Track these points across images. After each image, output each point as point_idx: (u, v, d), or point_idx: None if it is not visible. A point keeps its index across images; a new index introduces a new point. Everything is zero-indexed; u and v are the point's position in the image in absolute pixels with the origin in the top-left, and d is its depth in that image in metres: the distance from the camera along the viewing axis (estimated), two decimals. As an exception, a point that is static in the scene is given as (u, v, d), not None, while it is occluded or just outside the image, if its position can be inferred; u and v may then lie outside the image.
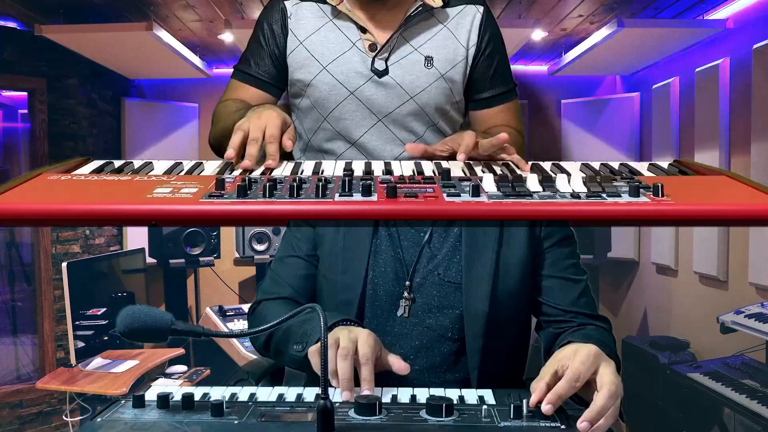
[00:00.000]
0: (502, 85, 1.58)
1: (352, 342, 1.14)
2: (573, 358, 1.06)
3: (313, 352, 1.19)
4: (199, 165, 1.15)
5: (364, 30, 1.50)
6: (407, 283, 1.34)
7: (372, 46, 1.50)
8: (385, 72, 1.49)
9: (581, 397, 1.08)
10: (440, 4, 1.51)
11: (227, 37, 4.32)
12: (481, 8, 1.55)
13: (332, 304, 1.37)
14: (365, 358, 1.13)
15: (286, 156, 1.25)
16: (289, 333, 1.31)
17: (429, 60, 1.50)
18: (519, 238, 1.34)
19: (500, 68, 1.57)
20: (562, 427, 1.00)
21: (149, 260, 4.60)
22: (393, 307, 1.35)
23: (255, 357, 2.62)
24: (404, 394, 1.13)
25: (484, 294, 1.31)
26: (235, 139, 1.17)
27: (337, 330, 1.19)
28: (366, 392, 1.09)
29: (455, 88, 1.54)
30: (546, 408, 1.01)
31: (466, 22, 1.53)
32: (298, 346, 1.24)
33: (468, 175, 1.10)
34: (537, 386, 1.05)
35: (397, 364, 1.18)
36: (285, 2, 1.53)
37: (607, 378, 1.04)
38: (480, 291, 1.31)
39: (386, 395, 1.12)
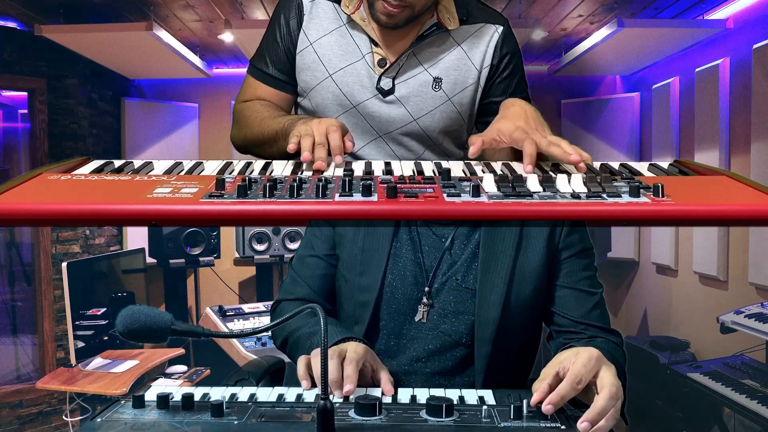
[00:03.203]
0: None
1: (341, 348, 1.17)
2: (575, 361, 1.06)
3: (300, 359, 1.20)
4: (199, 165, 1.15)
5: (375, 43, 1.45)
6: (426, 288, 1.34)
7: (381, 62, 1.45)
8: (391, 91, 1.45)
9: (580, 400, 1.08)
10: (457, 26, 1.44)
11: (227, 37, 4.32)
12: (500, 27, 1.47)
13: (350, 304, 1.38)
14: (348, 360, 1.15)
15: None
16: (299, 343, 1.34)
17: (437, 82, 1.45)
18: (537, 247, 1.33)
19: (517, 91, 1.49)
20: (562, 427, 1.00)
21: (149, 260, 4.60)
22: (410, 311, 1.34)
23: (255, 357, 2.61)
24: (404, 395, 1.13)
25: (497, 300, 1.31)
26: (306, 144, 1.17)
27: (336, 347, 1.21)
28: (347, 387, 1.10)
29: (463, 110, 1.48)
30: (547, 408, 1.01)
31: (482, 42, 1.46)
32: None
33: (468, 175, 1.10)
34: (539, 387, 1.05)
35: (385, 386, 1.18)
36: None
37: (608, 380, 1.04)
38: (493, 296, 1.31)
39: (386, 395, 1.12)
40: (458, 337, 1.33)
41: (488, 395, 1.13)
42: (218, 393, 1.13)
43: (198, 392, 1.13)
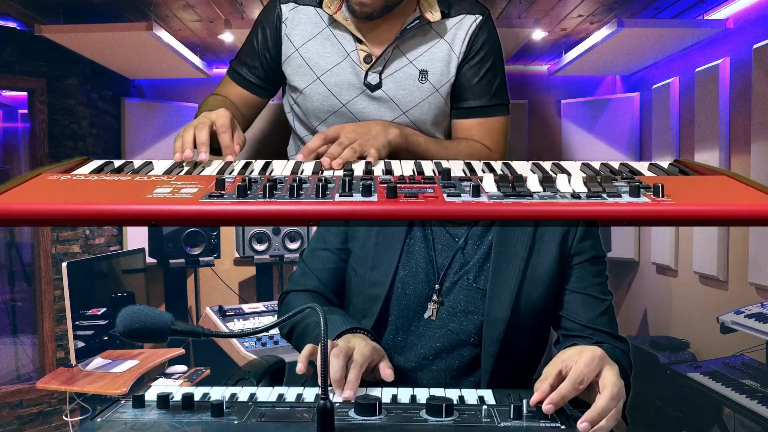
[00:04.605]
0: (485, 98, 1.52)
1: (349, 347, 1.16)
2: (577, 360, 1.06)
3: (307, 346, 1.20)
4: (199, 165, 1.15)
5: (360, 40, 1.48)
6: (437, 286, 1.34)
7: (367, 58, 1.48)
8: (378, 86, 1.48)
9: (581, 399, 1.08)
10: (438, 18, 1.47)
11: (227, 37, 4.32)
12: (479, 17, 1.51)
13: (359, 298, 1.39)
14: (354, 363, 1.15)
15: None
16: (307, 331, 1.34)
17: (423, 74, 1.48)
18: (549, 251, 1.34)
19: (487, 79, 1.52)
20: (562, 427, 0.99)
21: (149, 260, 4.59)
22: (419, 308, 1.35)
23: (255, 357, 2.61)
24: (404, 394, 1.13)
25: (507, 301, 1.31)
26: (177, 145, 1.21)
27: (343, 338, 1.21)
28: (347, 392, 1.10)
29: (449, 101, 1.52)
30: (547, 407, 1.01)
31: (462, 32, 1.50)
32: None
33: (468, 175, 1.10)
34: (540, 386, 1.05)
35: (384, 371, 1.18)
36: (282, 5, 1.52)
37: (609, 380, 1.04)
38: (503, 297, 1.31)
39: (386, 395, 1.12)
40: (466, 336, 1.33)
41: (488, 395, 1.13)
42: (218, 393, 1.13)
43: (198, 392, 1.12)
